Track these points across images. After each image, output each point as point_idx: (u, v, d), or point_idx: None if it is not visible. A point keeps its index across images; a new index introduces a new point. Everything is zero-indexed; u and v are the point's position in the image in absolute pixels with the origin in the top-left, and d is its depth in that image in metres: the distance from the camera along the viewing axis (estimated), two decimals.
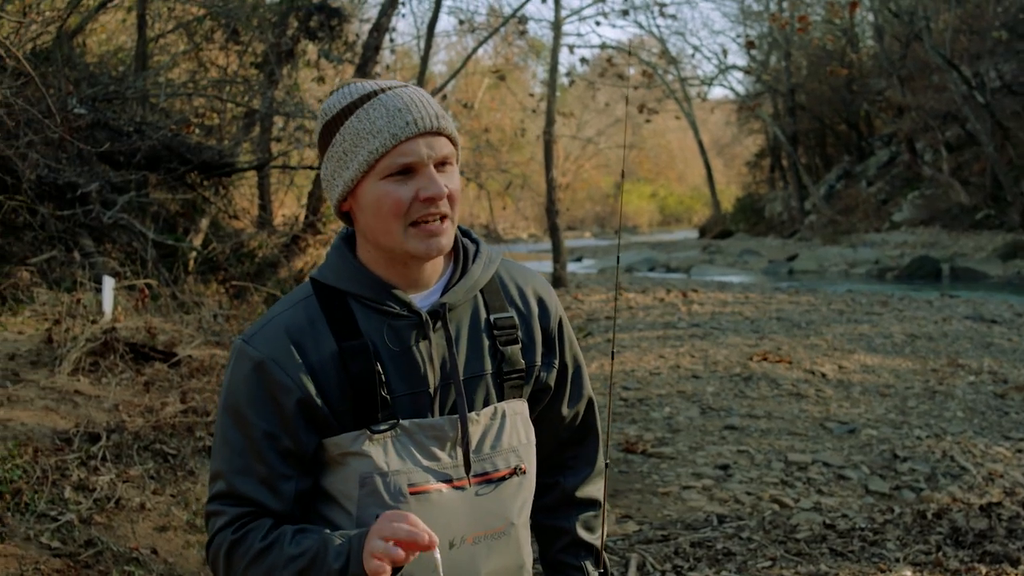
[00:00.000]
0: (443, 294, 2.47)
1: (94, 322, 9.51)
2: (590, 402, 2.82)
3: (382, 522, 2.18)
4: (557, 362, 2.69)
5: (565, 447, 2.82)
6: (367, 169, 2.33)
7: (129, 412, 7.60)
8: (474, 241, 2.62)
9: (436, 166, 2.34)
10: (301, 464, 2.38)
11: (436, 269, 2.49)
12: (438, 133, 2.34)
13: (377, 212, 2.35)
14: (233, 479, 2.38)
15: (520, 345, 2.57)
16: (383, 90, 2.36)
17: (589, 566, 2.76)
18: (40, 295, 10.45)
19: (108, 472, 6.47)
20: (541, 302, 2.67)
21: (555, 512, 2.82)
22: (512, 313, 2.58)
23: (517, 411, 2.56)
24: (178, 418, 7.55)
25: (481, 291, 2.55)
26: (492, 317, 2.54)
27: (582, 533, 2.79)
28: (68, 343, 8.71)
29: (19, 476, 6.00)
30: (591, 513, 2.82)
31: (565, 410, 2.75)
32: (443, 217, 2.36)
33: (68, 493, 6.06)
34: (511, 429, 2.53)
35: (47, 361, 8.46)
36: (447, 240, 2.39)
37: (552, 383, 2.69)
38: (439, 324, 2.44)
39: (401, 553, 2.13)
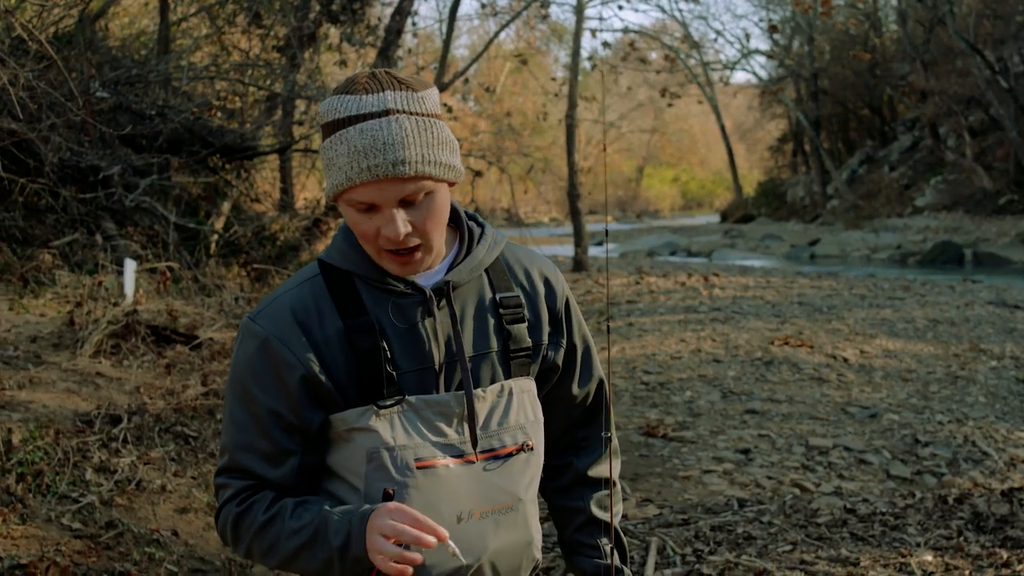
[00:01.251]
0: (447, 273, 2.49)
1: (116, 305, 9.54)
2: (601, 382, 2.84)
3: (383, 517, 2.22)
4: (565, 342, 2.71)
5: (577, 427, 2.84)
6: (335, 195, 2.34)
7: (150, 394, 7.62)
8: (480, 224, 2.63)
9: (403, 202, 2.31)
10: (305, 440, 2.42)
11: (440, 252, 2.50)
12: (396, 179, 2.28)
13: (353, 231, 2.38)
14: (238, 454, 2.43)
15: (526, 324, 2.59)
16: (361, 117, 2.28)
17: (604, 543, 2.77)
18: (62, 278, 10.49)
19: (129, 454, 6.49)
20: (547, 283, 2.69)
21: (568, 492, 2.84)
22: (518, 292, 2.60)
23: (524, 389, 2.58)
24: (199, 400, 7.57)
25: (487, 271, 2.58)
26: (498, 296, 2.56)
27: (596, 512, 2.81)
28: (90, 326, 8.74)
29: (41, 458, 6.02)
30: (605, 492, 2.83)
31: (576, 390, 2.78)
32: (414, 248, 2.36)
33: (89, 475, 6.08)
34: (518, 406, 2.55)
35: (69, 343, 8.49)
36: (421, 266, 2.41)
37: (560, 362, 2.71)
38: (443, 302, 2.46)
39: (417, 557, 2.18)
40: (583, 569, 2.79)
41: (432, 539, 2.15)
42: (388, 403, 2.38)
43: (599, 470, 2.84)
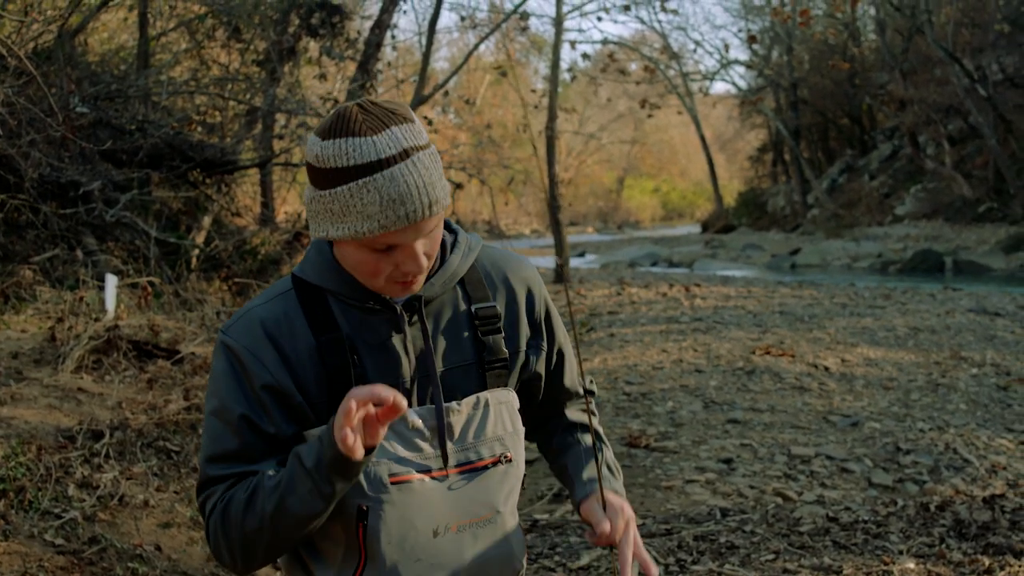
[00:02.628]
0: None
1: (97, 320, 9.52)
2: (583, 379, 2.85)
3: (344, 399, 2.10)
4: (546, 344, 2.71)
5: (567, 410, 2.88)
6: (352, 240, 2.28)
7: (132, 409, 7.61)
8: (452, 231, 2.60)
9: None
10: (280, 447, 2.37)
11: None
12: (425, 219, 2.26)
13: (355, 268, 2.34)
14: (217, 465, 2.39)
15: (503, 334, 2.57)
16: (384, 162, 2.20)
17: (585, 439, 2.79)
18: (43, 293, 10.47)
19: (111, 469, 6.48)
20: (526, 287, 2.68)
21: (548, 421, 2.88)
22: (494, 302, 2.59)
23: (502, 400, 2.56)
24: (181, 415, 7.56)
25: (462, 280, 2.56)
26: (473, 307, 2.54)
27: (574, 416, 2.84)
28: (71, 341, 8.72)
29: (23, 474, 6.00)
30: (582, 404, 2.86)
31: (567, 381, 2.80)
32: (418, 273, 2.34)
33: (72, 491, 6.07)
34: (495, 418, 2.53)
35: (50, 359, 8.46)
36: (419, 285, 2.39)
37: (541, 370, 2.70)
38: (415, 317, 2.44)
39: (358, 405, 2.06)
40: (564, 464, 2.79)
41: (388, 394, 2.06)
42: None
43: (583, 415, 2.87)
